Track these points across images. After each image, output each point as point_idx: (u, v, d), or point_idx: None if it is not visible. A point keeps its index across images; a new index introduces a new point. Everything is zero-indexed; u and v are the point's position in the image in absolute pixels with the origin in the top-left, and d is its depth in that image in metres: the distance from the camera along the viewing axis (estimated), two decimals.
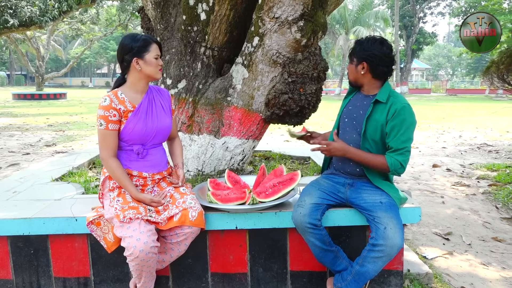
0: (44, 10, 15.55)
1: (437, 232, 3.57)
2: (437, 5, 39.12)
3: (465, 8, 28.36)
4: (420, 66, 50.46)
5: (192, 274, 2.38)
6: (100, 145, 2.10)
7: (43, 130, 10.64)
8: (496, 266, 2.94)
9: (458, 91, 38.82)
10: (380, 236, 1.97)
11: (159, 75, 2.19)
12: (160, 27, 3.27)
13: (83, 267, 2.35)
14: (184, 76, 3.16)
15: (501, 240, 3.39)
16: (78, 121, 12.84)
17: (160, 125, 2.20)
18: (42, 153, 7.22)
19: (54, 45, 39.45)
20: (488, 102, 24.73)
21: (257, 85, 2.96)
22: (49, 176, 3.16)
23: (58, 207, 2.43)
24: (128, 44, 2.11)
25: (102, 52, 53.67)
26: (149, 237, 1.96)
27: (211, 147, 3.06)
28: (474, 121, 13.02)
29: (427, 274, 2.63)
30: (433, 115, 15.15)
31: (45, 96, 25.55)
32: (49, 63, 50.17)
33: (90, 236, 2.30)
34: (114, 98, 2.09)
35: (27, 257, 2.34)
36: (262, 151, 4.33)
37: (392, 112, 2.11)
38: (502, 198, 4.44)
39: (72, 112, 16.49)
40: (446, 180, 5.46)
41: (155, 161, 2.24)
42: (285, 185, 2.28)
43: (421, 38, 38.04)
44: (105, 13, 29.58)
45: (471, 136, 9.62)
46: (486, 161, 6.66)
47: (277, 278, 2.40)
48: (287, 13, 2.71)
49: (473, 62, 48.95)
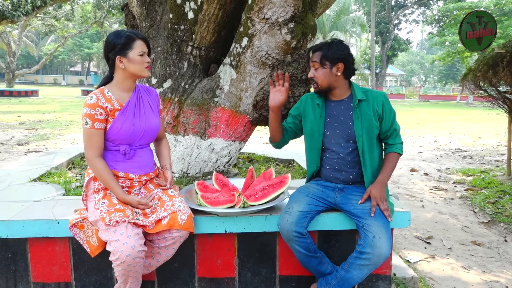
0: (16, 4, 15.08)
1: (419, 236, 3.62)
2: (412, 13, 40.07)
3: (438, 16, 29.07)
4: (395, 72, 51.56)
5: (178, 278, 2.32)
6: (86, 145, 2.02)
7: (14, 128, 10.27)
8: (477, 269, 2.99)
9: (431, 97, 39.82)
10: (368, 245, 1.96)
11: (145, 73, 2.09)
12: (145, 24, 3.19)
13: (64, 271, 2.25)
14: (170, 75, 3.09)
15: (480, 244, 3.45)
16: (51, 120, 12.47)
17: (148, 125, 2.14)
18: (14, 151, 6.96)
19: (26, 41, 38.26)
20: (460, 108, 25.48)
21: (245, 86, 2.93)
22: (26, 176, 3.03)
23: (38, 209, 2.32)
24: (111, 41, 2.03)
25: (76, 50, 52.39)
26: (137, 241, 1.89)
27: (196, 148, 3.00)
28: (447, 127, 13.35)
29: (412, 278, 2.64)
30: (408, 120, 15.45)
31: (16, 93, 24.78)
32: (20, 60, 48.60)
33: (72, 239, 2.21)
34: (100, 96, 2.02)
35: (4, 261, 2.23)
36: (246, 153, 4.29)
37: (381, 104, 2.20)
38: (479, 203, 4.55)
39: (44, 110, 16.00)
40: (424, 184, 5.55)
41: (142, 162, 2.17)
42: (275, 188, 2.25)
43: (396, 45, 38.82)
44: (80, 9, 28.85)
45: (445, 142, 9.85)
46: (461, 166, 6.82)
47: (265, 283, 2.36)
48: (278, 14, 2.68)
49: (444, 70, 50.41)
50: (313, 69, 2.18)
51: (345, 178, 2.24)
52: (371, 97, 2.20)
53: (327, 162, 2.27)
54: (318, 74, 2.17)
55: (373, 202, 2.07)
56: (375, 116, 2.17)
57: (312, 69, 2.19)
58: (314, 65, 2.17)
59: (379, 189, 2.11)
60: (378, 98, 2.20)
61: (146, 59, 2.07)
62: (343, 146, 2.21)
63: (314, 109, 2.28)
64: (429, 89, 48.93)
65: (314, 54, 2.18)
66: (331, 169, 2.25)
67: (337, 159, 2.22)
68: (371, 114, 2.16)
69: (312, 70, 2.19)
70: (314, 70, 2.18)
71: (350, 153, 2.20)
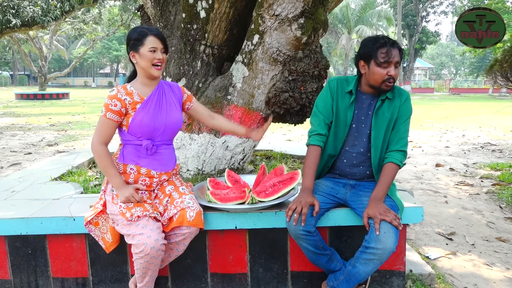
0: (46, 10, 15.57)
1: (440, 232, 3.53)
2: (440, 4, 38.99)
3: (468, 7, 28.23)
4: (423, 65, 50.34)
5: (191, 274, 2.35)
6: (96, 131, 2.06)
7: (45, 129, 10.64)
8: (500, 266, 2.90)
9: (461, 90, 38.67)
10: (373, 239, 1.94)
11: (154, 72, 2.05)
12: (159, 25, 3.24)
13: (81, 267, 2.33)
14: (184, 74, 3.13)
15: (505, 240, 3.34)
16: (80, 121, 12.85)
17: (170, 119, 2.14)
18: (44, 152, 7.21)
19: (57, 45, 39.55)
20: (492, 101, 24.62)
21: (258, 83, 2.93)
22: (48, 176, 3.14)
23: (56, 206, 2.40)
24: (128, 36, 2.08)
25: (104, 52, 53.76)
26: (159, 234, 1.95)
27: (211, 146, 3.03)
28: (477, 120, 12.94)
29: (430, 275, 2.59)
30: (436, 115, 15.06)
31: (48, 96, 25.60)
32: (52, 63, 50.34)
33: (88, 236, 2.28)
34: (121, 89, 2.07)
35: (25, 257, 2.32)
36: (263, 150, 4.30)
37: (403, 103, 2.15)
38: (506, 198, 4.40)
39: (74, 112, 16.50)
40: (449, 179, 5.41)
41: (164, 160, 2.17)
42: (286, 185, 2.25)
43: (424, 37, 37.89)
44: (108, 13, 29.57)
45: (474, 136, 9.56)
46: (490, 160, 6.61)
47: (277, 279, 2.37)
48: (287, 10, 2.67)
49: (476, 61, 48.82)
50: (395, 67, 2.05)
51: (361, 173, 2.22)
52: (396, 94, 2.17)
53: (346, 155, 2.23)
54: (397, 73, 2.06)
55: (375, 222, 1.94)
56: (394, 113, 2.15)
57: (394, 67, 2.04)
58: (396, 64, 2.05)
59: (375, 207, 1.98)
60: (402, 96, 2.18)
61: (157, 55, 2.03)
62: (365, 141, 2.19)
63: (344, 96, 2.20)
64: (460, 82, 47.53)
65: (396, 50, 2.03)
66: (348, 163, 2.23)
67: (356, 153, 2.20)
68: (391, 111, 2.15)
69: (395, 69, 2.05)
70: (395, 69, 2.05)
71: (369, 148, 2.18)
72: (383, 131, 2.15)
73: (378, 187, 2.07)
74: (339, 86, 2.22)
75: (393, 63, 2.03)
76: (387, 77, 2.04)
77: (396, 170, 2.11)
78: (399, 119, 2.16)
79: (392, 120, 2.15)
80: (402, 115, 2.16)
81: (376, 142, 2.15)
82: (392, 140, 2.16)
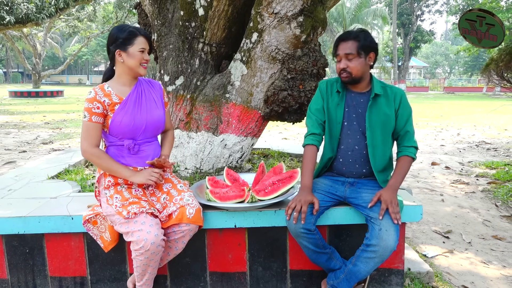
0: (40, 7, 15.45)
1: (437, 230, 3.55)
2: (435, 3, 39.10)
3: (462, 6, 28.33)
4: (418, 64, 50.51)
5: (190, 273, 2.34)
6: (83, 137, 2.04)
7: (40, 127, 10.57)
8: (497, 264, 2.91)
9: (456, 89, 38.86)
10: (374, 237, 1.95)
11: (141, 70, 2.10)
12: (157, 22, 3.22)
13: (79, 266, 2.31)
14: (182, 72, 3.12)
15: (501, 238, 3.36)
16: (75, 119, 12.77)
17: (150, 117, 2.13)
18: (39, 150, 7.16)
19: (51, 43, 39.20)
20: (486, 100, 24.77)
21: (256, 81, 2.92)
22: (45, 174, 3.12)
23: (53, 205, 2.38)
24: (114, 34, 2.06)
25: (99, 50, 53.42)
26: (158, 230, 1.94)
27: (209, 144, 3.02)
28: (472, 119, 13.01)
29: (427, 273, 2.60)
30: (431, 113, 15.13)
31: (42, 93, 25.45)
32: (46, 61, 49.96)
33: (86, 235, 2.26)
34: (99, 91, 2.06)
35: (22, 256, 2.30)
36: (261, 149, 4.29)
37: (398, 100, 2.18)
38: (502, 196, 4.42)
39: (69, 109, 16.39)
40: (445, 178, 5.44)
41: (149, 156, 2.16)
42: (285, 183, 2.25)
43: (419, 36, 38.01)
44: (102, 10, 29.39)
45: (469, 134, 9.61)
46: (485, 158, 6.65)
47: (276, 277, 2.37)
48: (287, 8, 2.67)
49: (470, 60, 49.03)
50: (346, 59, 2.11)
51: (358, 171, 2.22)
52: (390, 92, 2.20)
53: (341, 153, 2.24)
54: (353, 65, 2.10)
55: (383, 205, 2.00)
56: (391, 111, 2.16)
57: (344, 60, 2.11)
58: (348, 56, 2.10)
59: (391, 194, 2.04)
60: (396, 94, 2.20)
61: (145, 56, 2.08)
62: (359, 138, 2.19)
63: (333, 96, 2.25)
64: (454, 81, 47.75)
65: (347, 43, 2.10)
66: (345, 162, 2.23)
67: (351, 152, 2.21)
68: (387, 109, 2.16)
69: (344, 61, 2.11)
70: (347, 61, 2.10)
71: (365, 146, 2.18)
72: (379, 130, 2.15)
73: (395, 177, 2.13)
74: (329, 87, 2.28)
75: (341, 56, 2.13)
76: (340, 71, 2.15)
77: (410, 163, 2.19)
78: (402, 120, 2.18)
79: (388, 119, 2.16)
80: (403, 115, 2.18)
81: (373, 140, 2.16)
82: (402, 140, 2.22)
